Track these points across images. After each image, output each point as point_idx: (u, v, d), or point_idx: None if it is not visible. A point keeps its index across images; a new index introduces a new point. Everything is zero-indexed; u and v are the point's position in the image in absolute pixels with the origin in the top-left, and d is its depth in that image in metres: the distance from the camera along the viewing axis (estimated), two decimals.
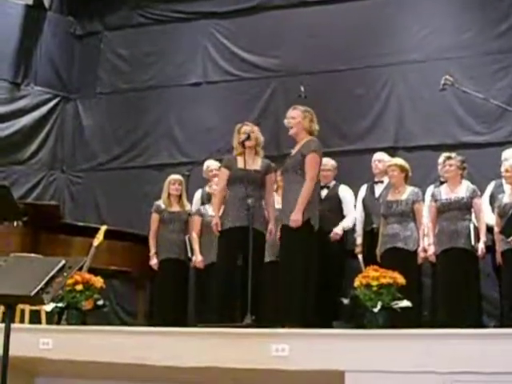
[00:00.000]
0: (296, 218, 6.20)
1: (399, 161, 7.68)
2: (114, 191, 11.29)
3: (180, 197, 8.25)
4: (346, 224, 8.07)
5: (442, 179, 7.93)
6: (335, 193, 8.17)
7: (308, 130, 6.61)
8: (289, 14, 10.78)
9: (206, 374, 5.39)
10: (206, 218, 7.92)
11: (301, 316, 6.00)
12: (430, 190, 7.88)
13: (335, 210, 8.09)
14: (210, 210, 7.92)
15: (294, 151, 6.62)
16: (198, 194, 8.79)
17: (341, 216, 8.11)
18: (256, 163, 6.79)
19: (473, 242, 7.17)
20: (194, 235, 8.14)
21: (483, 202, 7.50)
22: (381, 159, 8.21)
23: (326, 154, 6.93)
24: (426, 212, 7.60)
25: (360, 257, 8.02)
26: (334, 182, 8.27)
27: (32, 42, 11.59)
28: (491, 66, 9.44)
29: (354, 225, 8.20)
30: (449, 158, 7.54)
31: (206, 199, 8.56)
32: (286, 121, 6.72)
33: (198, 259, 8.04)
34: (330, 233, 7.77)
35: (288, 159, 6.60)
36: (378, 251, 7.50)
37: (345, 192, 8.26)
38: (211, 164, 8.76)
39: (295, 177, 6.40)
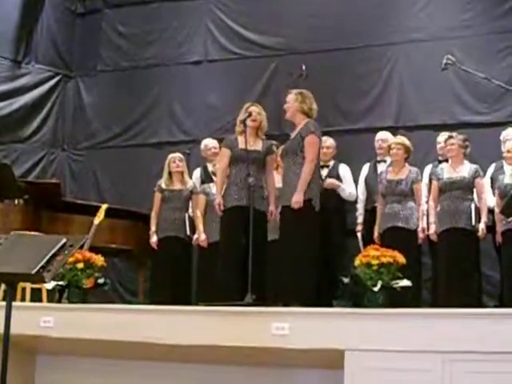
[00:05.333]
0: (297, 200, 6.21)
1: (405, 140, 7.67)
2: (114, 169, 11.30)
3: (182, 174, 8.24)
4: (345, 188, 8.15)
5: (440, 158, 7.94)
6: (335, 172, 8.18)
7: (302, 111, 6.57)
8: None
9: (206, 353, 5.42)
10: (211, 197, 7.92)
11: (302, 295, 6.03)
12: (428, 169, 7.91)
13: (336, 190, 8.12)
14: (214, 188, 7.89)
15: (293, 134, 6.60)
16: (197, 173, 8.81)
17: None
18: (257, 144, 6.78)
19: (474, 222, 7.18)
20: (199, 214, 8.16)
21: (484, 183, 7.50)
22: (385, 138, 8.20)
23: (327, 133, 6.94)
24: (424, 191, 7.62)
25: (359, 235, 8.04)
26: (333, 162, 8.28)
27: (33, 19, 11.55)
28: (493, 45, 9.41)
29: (356, 202, 8.23)
30: (450, 137, 7.54)
31: (206, 177, 8.59)
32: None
33: (201, 238, 8.06)
34: (330, 212, 7.76)
35: (287, 142, 6.61)
36: (377, 230, 7.52)
37: (344, 170, 8.28)
38: (209, 143, 8.80)
39: (295, 159, 6.40)
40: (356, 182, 8.31)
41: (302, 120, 6.56)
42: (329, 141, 8.14)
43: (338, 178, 8.18)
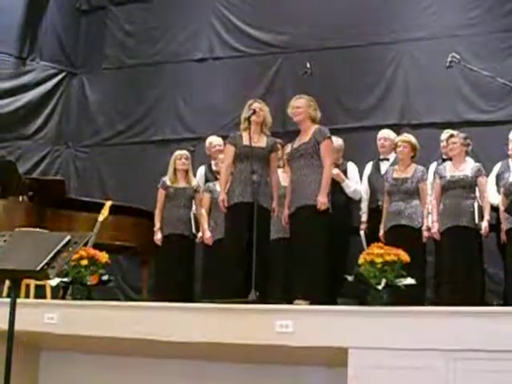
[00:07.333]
0: (323, 201, 6.39)
1: (412, 138, 7.66)
2: (119, 166, 11.31)
3: (187, 172, 8.24)
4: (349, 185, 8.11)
5: (444, 156, 7.94)
6: (343, 171, 8.15)
7: (312, 118, 6.75)
8: None
9: (209, 350, 5.42)
10: (215, 195, 7.91)
11: (314, 294, 6.07)
12: (433, 166, 7.89)
13: (343, 189, 8.10)
14: (218, 186, 7.88)
15: (303, 139, 6.68)
16: (201, 170, 8.80)
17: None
18: (261, 140, 6.81)
19: (477, 221, 7.17)
20: (203, 212, 8.15)
21: (489, 182, 7.50)
22: (387, 137, 8.20)
23: (331, 131, 6.94)
24: (429, 190, 7.61)
25: (362, 234, 8.03)
26: (341, 161, 8.27)
27: (37, 16, 11.58)
28: (498, 44, 9.42)
29: (360, 201, 8.21)
30: (451, 136, 7.55)
31: (210, 175, 8.59)
32: (290, 110, 6.81)
33: (206, 236, 8.06)
34: (336, 210, 7.75)
35: (300, 145, 6.65)
36: (382, 228, 7.51)
37: (352, 168, 8.27)
38: (214, 140, 8.79)
39: (312, 161, 6.55)
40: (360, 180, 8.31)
41: (310, 125, 6.73)
42: (338, 142, 8.10)
43: (346, 176, 8.16)
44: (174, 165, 8.20)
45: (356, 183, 8.20)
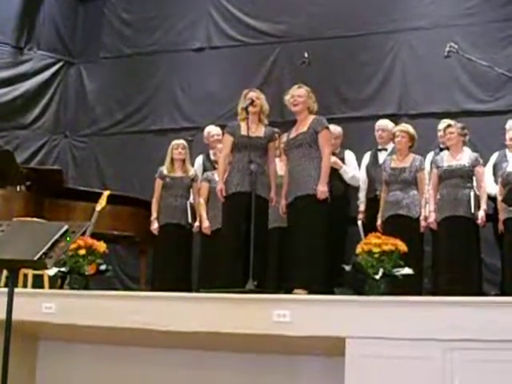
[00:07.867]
0: (323, 190, 6.42)
1: (410, 128, 7.65)
2: (117, 156, 11.31)
3: (184, 162, 8.24)
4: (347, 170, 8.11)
5: (441, 146, 7.94)
6: (341, 159, 8.15)
7: (310, 110, 6.76)
8: None
9: (207, 340, 5.43)
10: (213, 184, 7.91)
11: (314, 284, 6.08)
12: (430, 156, 7.89)
13: (341, 177, 8.09)
14: (216, 175, 7.88)
15: (300, 128, 6.68)
16: (199, 160, 8.79)
17: (346, 183, 8.14)
18: (259, 130, 6.80)
19: (473, 210, 7.18)
20: (202, 201, 8.16)
21: (486, 172, 7.51)
22: (385, 127, 8.19)
23: (329, 121, 6.95)
24: (427, 179, 7.61)
25: (360, 223, 8.02)
26: (339, 149, 8.26)
27: (35, 6, 11.55)
28: (496, 33, 9.41)
29: (358, 190, 8.21)
30: (449, 125, 7.55)
31: (208, 164, 8.59)
32: (290, 98, 6.78)
33: (204, 225, 8.07)
34: (334, 199, 7.75)
35: (298, 135, 6.65)
36: (380, 218, 7.51)
37: (349, 156, 8.27)
38: (212, 130, 8.79)
39: (310, 151, 6.55)
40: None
41: (307, 115, 6.73)
42: (337, 130, 8.11)
43: (343, 163, 8.16)
44: (171, 154, 8.21)
45: (354, 169, 8.20)
